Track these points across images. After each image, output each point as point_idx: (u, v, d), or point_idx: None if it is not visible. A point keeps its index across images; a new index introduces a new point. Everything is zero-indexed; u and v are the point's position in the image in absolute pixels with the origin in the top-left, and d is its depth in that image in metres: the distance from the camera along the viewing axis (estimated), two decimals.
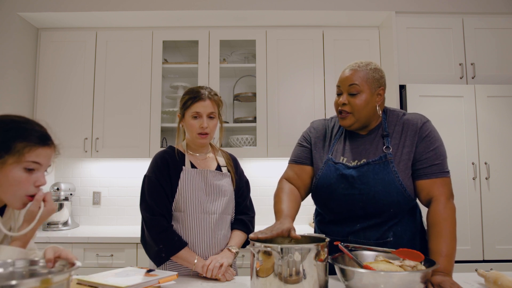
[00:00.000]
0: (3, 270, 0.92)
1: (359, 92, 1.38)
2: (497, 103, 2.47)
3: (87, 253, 2.43)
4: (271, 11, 2.69)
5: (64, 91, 2.82)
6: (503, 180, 2.41)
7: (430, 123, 1.41)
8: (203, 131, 1.52)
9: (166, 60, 3.00)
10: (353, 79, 1.38)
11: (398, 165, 1.35)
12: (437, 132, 1.40)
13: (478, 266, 2.22)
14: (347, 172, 1.38)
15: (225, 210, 1.57)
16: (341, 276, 1.12)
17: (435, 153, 1.36)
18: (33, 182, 1.04)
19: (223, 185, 1.58)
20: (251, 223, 1.66)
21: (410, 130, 1.38)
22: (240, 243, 1.58)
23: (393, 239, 1.38)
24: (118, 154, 2.78)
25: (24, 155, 1.01)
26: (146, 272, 1.28)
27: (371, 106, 1.39)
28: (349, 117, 1.40)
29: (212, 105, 1.54)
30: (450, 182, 1.38)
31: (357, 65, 1.41)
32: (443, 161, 1.38)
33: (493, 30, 2.67)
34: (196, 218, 1.52)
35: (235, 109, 3.14)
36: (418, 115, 1.43)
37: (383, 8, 2.67)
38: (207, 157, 1.64)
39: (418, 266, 1.15)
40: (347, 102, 1.39)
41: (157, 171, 1.52)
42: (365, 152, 1.41)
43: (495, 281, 1.15)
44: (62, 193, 2.78)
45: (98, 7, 2.67)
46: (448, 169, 1.39)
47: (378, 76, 1.40)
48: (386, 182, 1.33)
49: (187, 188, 1.52)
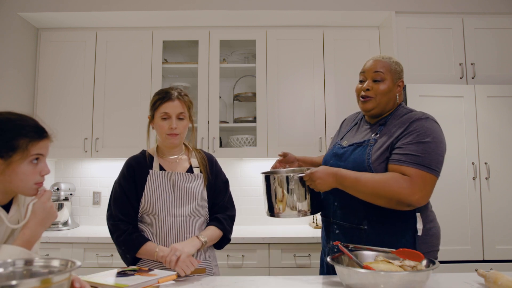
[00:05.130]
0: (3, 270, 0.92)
1: (383, 80, 1.49)
2: (497, 103, 2.47)
3: (87, 253, 2.43)
4: (271, 11, 2.69)
5: (64, 91, 2.82)
6: (503, 180, 2.41)
7: (427, 121, 1.39)
8: (172, 131, 1.51)
9: (166, 60, 3.00)
10: (377, 67, 1.50)
11: (375, 150, 1.42)
12: (433, 131, 1.37)
13: (478, 266, 2.22)
14: (338, 151, 1.55)
15: (194, 213, 1.53)
16: (341, 276, 1.12)
17: (418, 146, 1.34)
18: (38, 172, 1.12)
19: (192, 187, 1.55)
20: (226, 220, 1.58)
21: (403, 123, 1.42)
22: (212, 236, 1.52)
23: (368, 228, 1.40)
24: (118, 154, 2.78)
25: (29, 150, 1.08)
26: (145, 272, 1.28)
27: (392, 95, 1.50)
28: (371, 101, 1.49)
29: (181, 106, 1.52)
30: (429, 180, 1.32)
31: (381, 56, 1.54)
32: (426, 156, 1.32)
33: (493, 30, 2.67)
34: (163, 221, 1.50)
35: (235, 109, 3.14)
36: (420, 113, 1.44)
37: (383, 8, 2.67)
38: (180, 159, 1.61)
39: (418, 266, 1.15)
40: (371, 88, 1.49)
41: (122, 177, 1.58)
42: (360, 136, 1.54)
43: (495, 281, 1.15)
44: (62, 193, 2.79)
45: (98, 7, 2.67)
46: (434, 167, 1.32)
47: (399, 69, 1.52)
48: (357, 162, 1.43)
49: (153, 192, 1.51)
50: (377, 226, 1.39)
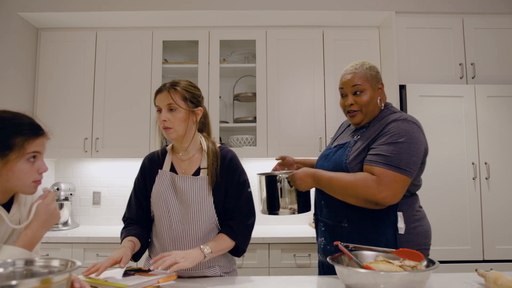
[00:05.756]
0: (3, 270, 0.92)
1: (363, 91, 1.51)
2: (497, 103, 2.47)
3: (87, 253, 2.43)
4: (271, 11, 2.69)
5: (64, 91, 2.82)
6: (503, 180, 2.41)
7: (403, 122, 1.41)
8: (163, 125, 1.41)
9: (166, 60, 3.00)
10: (354, 80, 1.52)
11: (353, 151, 1.46)
12: (408, 131, 1.38)
13: (478, 266, 2.22)
14: (326, 152, 1.62)
15: (196, 219, 1.41)
16: (341, 276, 1.12)
17: (389, 146, 1.36)
18: (36, 170, 1.11)
19: (195, 191, 1.43)
20: (240, 229, 1.44)
21: (381, 125, 1.45)
22: (218, 246, 1.38)
23: (348, 225, 1.45)
24: (118, 154, 2.78)
25: (25, 148, 1.07)
26: (145, 272, 1.28)
27: (375, 102, 1.52)
28: (358, 114, 1.53)
29: (169, 96, 1.40)
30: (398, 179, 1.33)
31: (353, 67, 1.54)
32: (396, 156, 1.34)
33: (493, 30, 2.67)
34: (163, 224, 1.44)
35: (235, 109, 3.14)
36: (399, 115, 1.46)
37: (383, 8, 2.67)
38: (192, 157, 1.50)
39: (418, 266, 1.15)
40: (354, 102, 1.52)
41: (137, 175, 1.56)
42: (344, 138, 1.61)
43: (495, 281, 1.15)
44: (62, 193, 2.79)
45: (98, 7, 2.67)
46: (403, 167, 1.33)
47: (374, 73, 1.54)
48: (336, 162, 1.49)
49: (157, 193, 1.46)
50: (358, 224, 1.43)
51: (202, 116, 1.51)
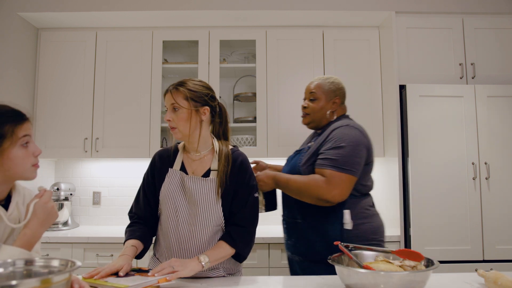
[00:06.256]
0: (3, 270, 0.92)
1: (316, 99, 1.77)
2: (497, 103, 2.47)
3: (87, 253, 2.43)
4: (271, 11, 2.69)
5: (64, 91, 2.82)
6: (503, 180, 2.41)
7: (345, 128, 1.62)
8: (169, 125, 1.44)
9: (166, 60, 3.00)
10: (312, 88, 1.80)
11: (306, 155, 1.68)
12: (349, 136, 1.59)
13: (478, 266, 2.21)
14: (289, 157, 1.86)
15: (202, 221, 1.40)
16: (341, 276, 1.12)
17: (334, 150, 1.57)
18: (31, 154, 1.14)
19: (203, 193, 1.41)
20: (240, 236, 1.41)
21: (328, 132, 1.67)
22: (218, 255, 1.36)
23: (301, 221, 1.65)
24: (118, 154, 2.78)
25: (16, 134, 1.10)
26: (145, 273, 1.28)
27: (325, 111, 1.76)
28: (307, 117, 1.81)
29: (171, 96, 1.42)
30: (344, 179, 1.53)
31: (319, 78, 1.81)
32: (341, 159, 1.54)
33: (493, 30, 2.67)
34: (169, 224, 1.43)
35: (235, 109, 3.15)
36: (343, 122, 1.67)
37: (383, 8, 2.67)
38: (203, 158, 1.49)
39: (418, 266, 1.15)
40: (307, 106, 1.79)
41: (147, 171, 1.54)
42: (304, 145, 1.84)
43: (495, 281, 1.15)
44: (62, 193, 2.78)
45: (98, 7, 2.67)
46: (348, 167, 1.53)
47: (334, 88, 1.77)
48: (292, 166, 1.73)
49: (166, 192, 1.44)
50: (310, 220, 1.63)
51: (217, 116, 1.54)
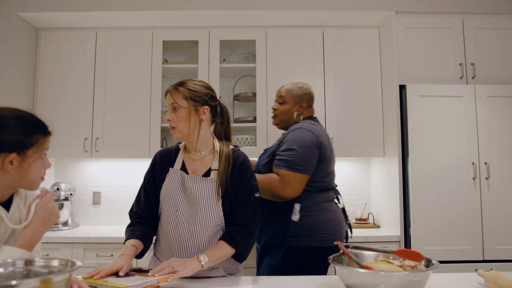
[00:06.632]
0: (3, 270, 0.92)
1: (284, 102, 1.94)
2: (497, 103, 2.47)
3: (87, 253, 2.43)
4: (271, 11, 2.69)
5: (64, 91, 2.82)
6: (503, 180, 2.41)
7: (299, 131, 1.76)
8: (169, 124, 1.45)
9: (166, 60, 3.00)
10: (281, 91, 1.96)
11: (266, 155, 1.84)
12: (301, 137, 1.73)
13: (478, 266, 2.22)
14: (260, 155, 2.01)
15: (202, 221, 1.40)
16: (341, 276, 1.12)
17: (288, 152, 1.72)
18: (44, 166, 1.17)
19: (203, 193, 1.41)
20: (240, 236, 1.40)
21: (285, 134, 1.82)
22: (218, 255, 1.36)
23: (261, 211, 1.72)
24: (118, 154, 2.78)
25: (42, 145, 1.13)
26: (145, 273, 1.28)
27: (292, 113, 1.92)
28: (275, 119, 1.99)
29: (171, 96, 1.43)
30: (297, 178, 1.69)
31: (289, 83, 1.96)
32: (294, 159, 1.70)
33: (493, 30, 2.67)
34: (169, 224, 1.43)
35: (235, 109, 3.15)
36: (298, 125, 1.81)
37: (383, 8, 2.67)
38: (203, 157, 1.49)
39: (418, 266, 1.15)
40: (276, 108, 1.97)
41: (148, 170, 1.54)
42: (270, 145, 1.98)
43: (495, 281, 1.15)
44: (62, 193, 2.78)
45: (98, 7, 2.67)
46: (300, 167, 1.69)
47: (302, 93, 1.93)
48: (257, 165, 1.92)
49: (166, 192, 1.44)
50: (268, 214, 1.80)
51: (218, 116, 1.56)
